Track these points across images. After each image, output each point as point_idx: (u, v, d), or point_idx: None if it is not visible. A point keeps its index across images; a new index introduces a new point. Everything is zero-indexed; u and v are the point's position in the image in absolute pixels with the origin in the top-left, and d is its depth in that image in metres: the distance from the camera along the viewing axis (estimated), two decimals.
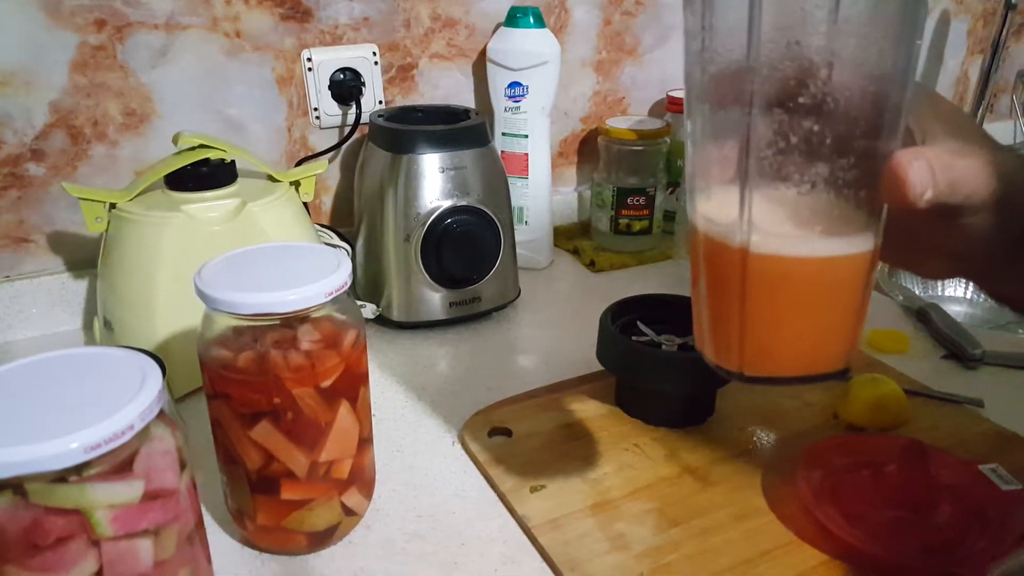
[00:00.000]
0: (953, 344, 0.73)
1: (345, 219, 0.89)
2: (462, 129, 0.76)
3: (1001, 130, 1.35)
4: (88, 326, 0.78)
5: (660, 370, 0.58)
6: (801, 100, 0.31)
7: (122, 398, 0.33)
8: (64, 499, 0.32)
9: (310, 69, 0.82)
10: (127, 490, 0.33)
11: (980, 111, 1.18)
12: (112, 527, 0.33)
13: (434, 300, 0.76)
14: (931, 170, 0.31)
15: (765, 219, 0.33)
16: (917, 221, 0.33)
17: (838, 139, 0.31)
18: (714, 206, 0.34)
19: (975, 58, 1.31)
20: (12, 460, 0.30)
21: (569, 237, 1.00)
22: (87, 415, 0.32)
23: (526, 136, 0.88)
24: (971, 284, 1.01)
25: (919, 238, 0.36)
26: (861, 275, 0.34)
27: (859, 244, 0.33)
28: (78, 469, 0.32)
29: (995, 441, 0.59)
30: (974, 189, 0.32)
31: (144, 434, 0.34)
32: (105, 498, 0.33)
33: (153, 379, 0.35)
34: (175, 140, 0.67)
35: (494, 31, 0.89)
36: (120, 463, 0.33)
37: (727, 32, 0.32)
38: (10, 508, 0.31)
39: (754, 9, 0.30)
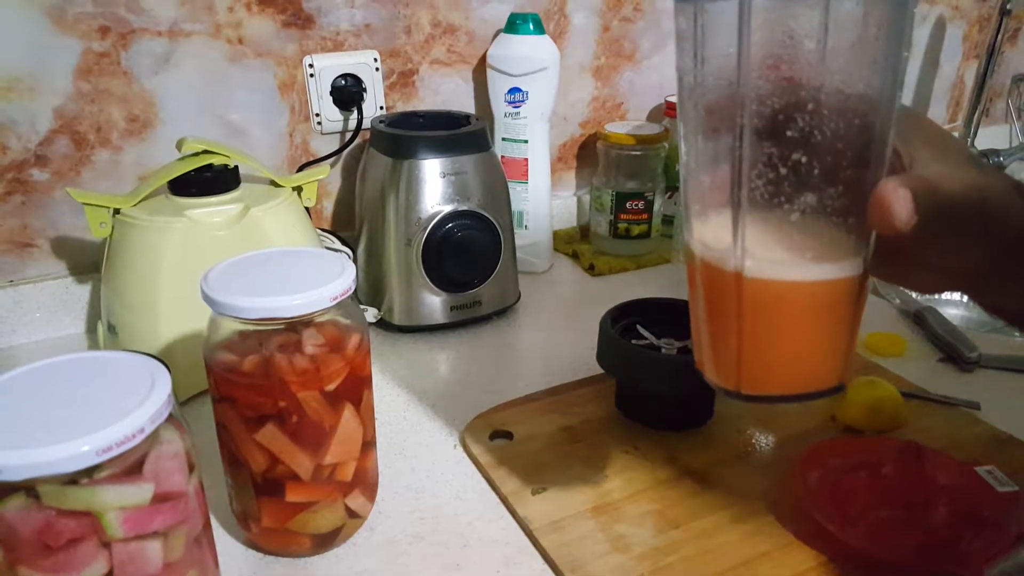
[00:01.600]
0: (949, 347, 0.73)
1: (346, 224, 0.90)
2: (463, 134, 0.76)
3: (997, 134, 1.36)
4: (92, 330, 0.78)
5: (660, 373, 0.58)
6: (789, 133, 0.32)
7: (132, 401, 0.34)
8: (76, 501, 0.32)
9: (312, 75, 0.82)
10: (137, 492, 0.34)
11: (976, 116, 1.18)
12: (122, 529, 0.33)
13: (435, 304, 0.77)
14: (915, 197, 0.32)
15: (758, 245, 0.34)
16: (906, 240, 0.33)
17: (826, 169, 0.32)
18: (709, 231, 0.35)
19: (970, 63, 1.32)
20: (25, 463, 0.30)
21: (568, 241, 1.01)
22: (98, 418, 0.32)
23: (526, 141, 0.88)
24: None
25: (908, 255, 0.37)
26: (852, 296, 0.35)
27: (849, 267, 0.34)
28: (89, 472, 0.32)
29: (991, 443, 0.59)
30: (958, 211, 0.33)
31: (154, 437, 0.34)
32: (116, 500, 0.33)
33: (162, 383, 0.35)
34: (179, 146, 0.67)
35: (494, 37, 0.90)
36: (130, 466, 0.34)
37: (718, 67, 0.33)
38: (23, 510, 0.32)
39: (743, 41, 0.31)
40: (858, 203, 0.33)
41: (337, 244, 0.84)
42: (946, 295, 1.03)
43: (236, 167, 0.69)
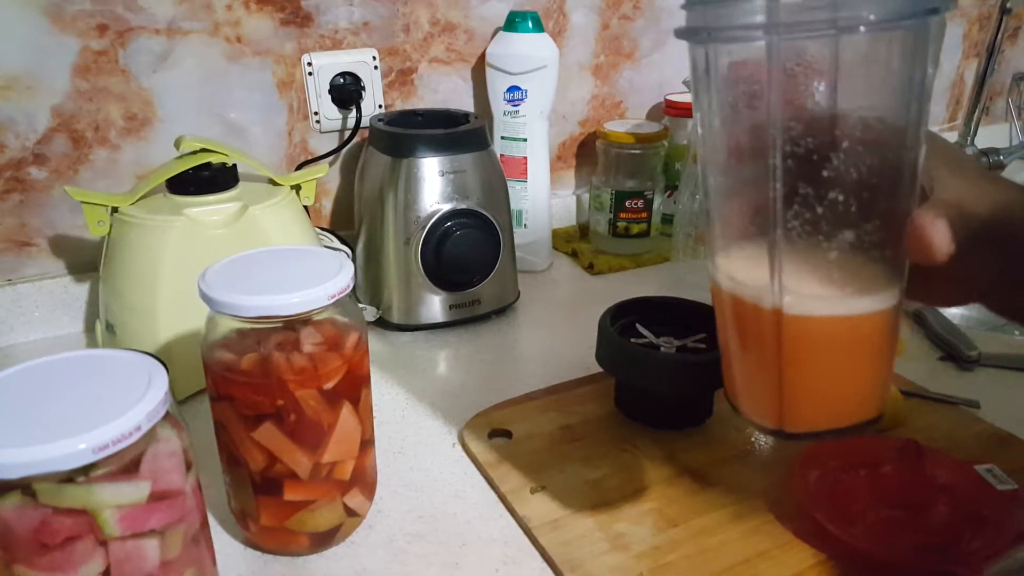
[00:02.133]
0: (949, 346, 0.73)
1: (345, 222, 0.90)
2: (461, 133, 0.76)
3: (997, 133, 1.36)
4: (90, 329, 0.78)
5: (659, 372, 0.58)
6: (825, 173, 0.31)
7: (129, 400, 0.34)
8: (72, 499, 0.32)
9: (310, 73, 0.82)
10: (134, 491, 0.34)
11: (976, 114, 1.18)
12: (119, 527, 0.33)
13: (434, 303, 0.77)
14: (951, 226, 0.32)
15: (796, 281, 0.33)
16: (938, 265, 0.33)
17: (862, 203, 0.32)
18: (738, 267, 0.35)
19: (970, 62, 1.32)
20: (21, 461, 0.30)
21: (568, 240, 1.01)
22: (95, 416, 0.32)
23: (525, 140, 0.88)
24: None
25: (924, 272, 0.37)
26: (892, 324, 0.35)
27: (888, 297, 0.34)
28: (86, 470, 0.32)
29: (991, 442, 0.59)
30: (986, 231, 0.33)
31: (151, 435, 0.34)
32: (112, 498, 0.33)
33: (159, 381, 0.35)
34: (177, 144, 0.67)
35: (493, 35, 0.90)
36: (127, 464, 0.34)
37: (738, 108, 0.32)
38: (19, 508, 0.31)
39: (772, 82, 0.30)
40: (895, 234, 0.33)
41: (336, 243, 0.84)
42: None
43: (234, 165, 0.69)
